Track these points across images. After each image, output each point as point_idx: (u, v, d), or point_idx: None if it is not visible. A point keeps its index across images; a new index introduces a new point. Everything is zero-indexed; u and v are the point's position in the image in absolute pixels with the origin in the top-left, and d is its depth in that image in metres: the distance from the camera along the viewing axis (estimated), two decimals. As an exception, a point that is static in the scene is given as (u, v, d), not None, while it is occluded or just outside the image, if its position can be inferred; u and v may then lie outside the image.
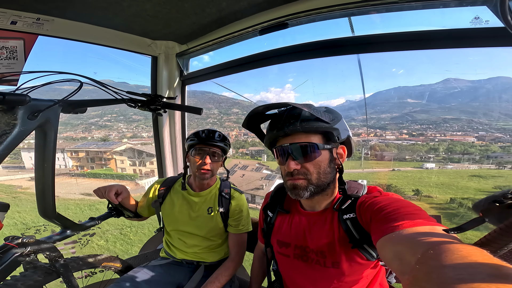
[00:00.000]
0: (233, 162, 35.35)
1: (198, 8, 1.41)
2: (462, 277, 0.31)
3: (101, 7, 1.39)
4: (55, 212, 1.05)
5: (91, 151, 51.49)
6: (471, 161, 55.02)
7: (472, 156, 57.78)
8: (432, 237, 0.50)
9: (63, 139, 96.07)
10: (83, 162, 51.05)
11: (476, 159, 55.17)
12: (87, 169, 48.95)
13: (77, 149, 51.90)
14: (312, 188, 0.84)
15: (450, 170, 42.40)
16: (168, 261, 1.45)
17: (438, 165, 49.53)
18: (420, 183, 30.86)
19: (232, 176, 29.46)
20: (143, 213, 1.48)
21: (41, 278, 1.00)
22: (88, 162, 50.89)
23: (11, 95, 0.78)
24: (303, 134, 0.83)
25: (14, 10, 1.36)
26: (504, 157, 56.36)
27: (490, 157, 55.80)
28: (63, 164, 50.00)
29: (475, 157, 56.81)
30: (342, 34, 1.40)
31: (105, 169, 47.56)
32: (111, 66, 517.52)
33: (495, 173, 37.09)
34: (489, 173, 36.20)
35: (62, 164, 49.74)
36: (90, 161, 50.84)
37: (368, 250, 0.81)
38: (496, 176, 34.27)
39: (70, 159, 50.56)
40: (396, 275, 1.02)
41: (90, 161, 50.83)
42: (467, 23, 1.04)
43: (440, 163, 53.86)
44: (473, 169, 43.77)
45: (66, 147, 53.02)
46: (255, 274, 1.25)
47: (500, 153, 60.82)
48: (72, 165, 50.42)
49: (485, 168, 43.76)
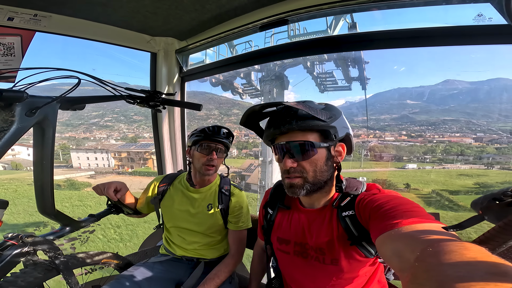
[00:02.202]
0: (248, 162, 37.17)
1: (197, 4, 1.40)
2: (461, 275, 0.31)
3: (100, 3, 1.37)
4: (54, 209, 1.05)
5: (132, 152, 56.52)
6: (463, 162, 56.59)
7: (465, 157, 59.14)
8: (431, 234, 0.50)
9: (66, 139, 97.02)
10: (124, 161, 55.59)
11: (469, 160, 56.64)
12: (128, 168, 53.25)
13: (119, 150, 57.03)
14: (308, 186, 0.84)
15: (443, 170, 45.44)
16: (167, 258, 1.46)
17: (432, 165, 52.14)
18: (412, 180, 35.65)
19: (252, 173, 31.32)
20: (143, 210, 1.49)
21: (41, 275, 1.00)
22: (128, 161, 55.91)
23: (9, 91, 0.77)
24: (299, 132, 0.83)
25: (11, 6, 1.34)
26: (495, 158, 57.73)
27: (482, 158, 57.03)
28: (107, 164, 54.78)
29: (469, 158, 58.27)
30: (343, 31, 1.38)
31: (144, 168, 51.57)
32: (110, 63, 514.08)
33: (481, 173, 40.32)
34: (476, 173, 39.85)
35: (106, 164, 54.57)
36: (130, 160, 55.85)
37: (366, 247, 0.81)
38: (482, 175, 38.17)
39: (113, 159, 54.98)
40: (395, 272, 1.02)
41: (130, 161, 55.84)
42: (470, 20, 1.03)
43: (434, 163, 55.42)
44: (463, 169, 46.68)
45: (110, 149, 58.47)
46: (255, 271, 1.26)
47: (492, 154, 62.25)
48: (115, 164, 54.63)
49: (475, 169, 46.70)
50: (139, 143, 78.51)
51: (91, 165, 55.93)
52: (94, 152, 57.14)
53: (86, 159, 56.44)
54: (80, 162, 56.61)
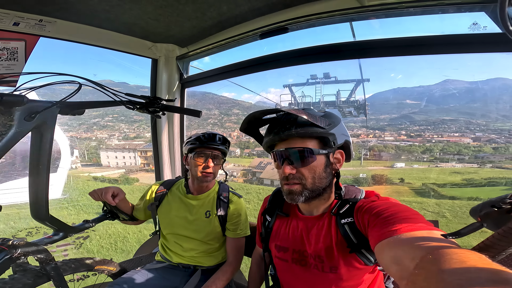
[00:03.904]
0: (258, 160, 40.38)
1: (198, 12, 1.42)
2: (460, 282, 0.31)
3: (103, 10, 1.40)
4: (48, 214, 1.03)
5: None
6: (457, 161, 58.10)
7: (462, 157, 60.37)
8: (431, 241, 0.49)
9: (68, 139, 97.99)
10: (149, 160, 56.60)
11: (465, 159, 57.99)
12: (153, 167, 57.03)
13: (145, 149, 58.16)
14: (307, 193, 0.84)
15: (437, 168, 48.61)
16: (164, 265, 1.43)
17: (428, 164, 54.66)
18: (407, 176, 39.65)
19: (265, 170, 34.02)
20: (139, 216, 1.47)
21: (31, 281, 0.98)
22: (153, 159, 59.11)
23: (8, 96, 0.78)
24: (298, 139, 0.83)
25: (17, 12, 1.37)
26: (490, 158, 58.99)
27: (478, 157, 57.98)
28: (134, 162, 57.49)
29: (464, 157, 59.51)
30: (342, 39, 1.41)
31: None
32: (111, 68, 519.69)
33: (473, 171, 42.92)
34: (468, 171, 42.63)
35: (133, 162, 57.44)
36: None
37: (366, 255, 0.80)
38: (472, 173, 40.77)
39: (139, 157, 57.01)
40: (394, 280, 1.00)
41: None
42: (466, 28, 1.05)
43: (431, 162, 57.18)
44: (457, 167, 49.43)
45: (137, 148, 60.47)
46: (253, 279, 1.23)
47: (487, 153, 63.23)
48: (141, 162, 56.59)
49: (468, 167, 48.97)
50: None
51: (119, 164, 58.08)
52: (122, 151, 59.55)
53: (115, 158, 58.48)
54: (109, 161, 58.70)
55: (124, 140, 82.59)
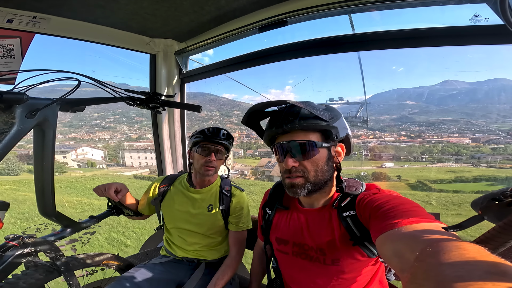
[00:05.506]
0: (265, 160, 43.24)
1: (196, 6, 1.40)
2: (460, 275, 0.31)
3: (99, 5, 1.37)
4: (55, 210, 1.05)
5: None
6: (454, 161, 59.38)
7: (459, 157, 61.67)
8: (431, 234, 0.50)
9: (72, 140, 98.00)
10: None
11: (463, 159, 59.32)
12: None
13: None
14: (310, 186, 0.84)
15: (434, 167, 51.62)
16: (168, 259, 1.45)
17: (425, 164, 57.93)
18: (407, 175, 43.78)
19: (273, 169, 36.75)
20: (144, 211, 1.48)
21: (43, 277, 1.00)
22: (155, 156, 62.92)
23: (9, 93, 0.78)
24: (301, 132, 0.83)
25: (10, 9, 1.34)
26: (486, 158, 60.49)
27: (474, 157, 59.17)
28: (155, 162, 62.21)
29: (462, 157, 60.86)
30: (342, 32, 1.40)
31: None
32: (110, 65, 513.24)
33: (467, 170, 46.18)
34: (462, 170, 45.89)
35: (154, 162, 61.74)
36: (173, 159, 62.71)
37: (369, 247, 0.81)
38: (465, 172, 44.11)
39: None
40: (396, 272, 1.03)
41: (173, 159, 62.76)
42: (467, 20, 1.04)
43: (429, 162, 59.02)
44: (454, 167, 52.82)
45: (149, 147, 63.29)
46: (255, 272, 1.26)
47: (484, 154, 64.49)
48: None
49: (464, 166, 52.33)
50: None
51: (141, 164, 60.00)
52: (145, 152, 61.59)
53: (137, 158, 61.23)
54: (132, 161, 61.42)
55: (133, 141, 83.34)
